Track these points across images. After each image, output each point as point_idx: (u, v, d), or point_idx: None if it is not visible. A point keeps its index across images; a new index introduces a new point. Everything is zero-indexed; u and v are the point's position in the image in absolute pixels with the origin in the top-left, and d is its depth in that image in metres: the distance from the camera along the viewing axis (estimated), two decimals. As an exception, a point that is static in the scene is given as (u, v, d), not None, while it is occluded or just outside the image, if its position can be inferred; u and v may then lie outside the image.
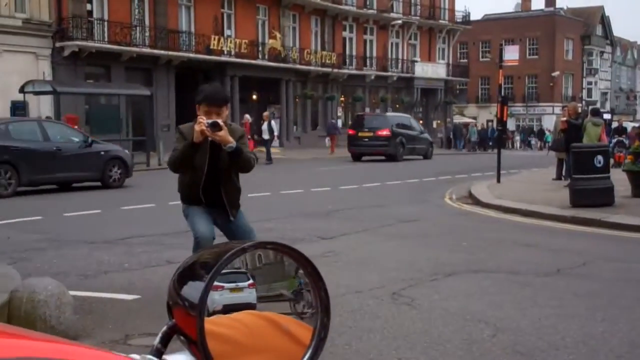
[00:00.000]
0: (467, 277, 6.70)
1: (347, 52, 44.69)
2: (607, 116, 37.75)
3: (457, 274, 6.78)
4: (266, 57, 37.51)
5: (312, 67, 40.65)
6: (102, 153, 16.92)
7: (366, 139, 30.04)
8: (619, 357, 4.37)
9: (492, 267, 7.16)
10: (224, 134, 4.87)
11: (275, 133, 28.02)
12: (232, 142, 4.92)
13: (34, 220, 10.72)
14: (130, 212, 12.01)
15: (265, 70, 36.77)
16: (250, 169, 5.27)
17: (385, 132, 29.84)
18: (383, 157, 29.88)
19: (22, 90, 24.09)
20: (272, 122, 28.71)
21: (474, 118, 59.14)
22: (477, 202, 13.30)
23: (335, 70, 42.11)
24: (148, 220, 10.93)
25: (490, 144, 45.53)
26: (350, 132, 31.29)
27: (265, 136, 27.63)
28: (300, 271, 1.21)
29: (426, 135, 34.31)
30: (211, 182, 5.20)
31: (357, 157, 30.29)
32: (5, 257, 7.39)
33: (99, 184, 16.71)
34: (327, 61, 41.84)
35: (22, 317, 4.70)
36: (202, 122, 4.88)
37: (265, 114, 29.29)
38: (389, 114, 35.47)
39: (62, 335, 4.48)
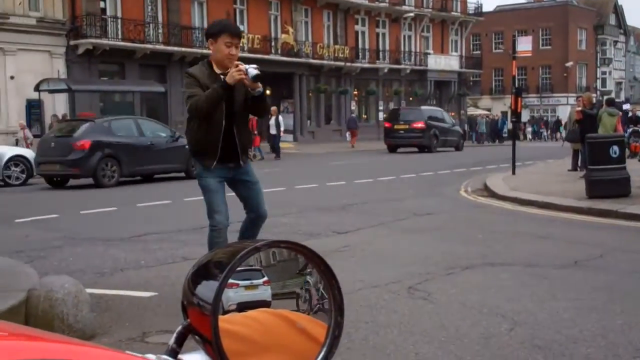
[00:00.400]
0: (484, 270, 6.66)
1: (360, 45, 44.63)
2: (626, 107, 37.41)
3: (474, 268, 6.75)
4: (279, 52, 37.54)
5: (325, 61, 40.64)
6: (187, 147, 17.85)
7: (402, 132, 31.30)
8: (637, 349, 4.33)
9: (509, 260, 7.12)
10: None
11: (282, 128, 28.00)
12: (260, 87, 4.95)
13: (51, 219, 10.79)
14: (146, 209, 12.05)
15: (278, 65, 36.78)
16: (268, 111, 5.36)
17: (420, 125, 31.01)
18: (416, 149, 31.12)
19: (37, 88, 24.28)
20: (280, 117, 28.68)
21: (488, 110, 58.91)
22: (492, 194, 13.25)
23: (348, 64, 42.07)
24: (164, 216, 10.97)
25: (505, 135, 45.44)
26: (387, 125, 32.55)
27: (273, 131, 27.58)
28: (314, 269, 1.21)
29: (457, 127, 35.53)
30: (227, 128, 5.19)
31: (393, 149, 31.61)
32: (23, 255, 7.44)
33: (183, 174, 17.95)
34: (340, 55, 41.81)
35: (39, 315, 4.72)
36: (242, 69, 4.85)
37: (273, 108, 29.31)
38: (424, 107, 36.38)
39: (79, 334, 4.51)
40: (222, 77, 5.20)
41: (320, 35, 41.64)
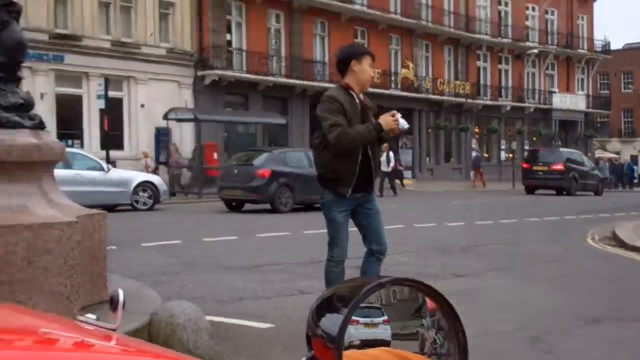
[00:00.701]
0: (611, 325, 6.29)
1: (481, 81, 44.05)
2: None
3: (600, 322, 6.38)
4: (399, 86, 37.60)
5: (445, 97, 40.34)
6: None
7: (540, 173, 31.04)
8: None
9: (638, 316, 6.70)
10: None
11: (391, 164, 27.78)
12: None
13: (175, 245, 11.14)
14: (266, 239, 12.25)
15: (397, 100, 36.74)
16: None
17: (559, 167, 30.70)
18: (554, 192, 30.73)
19: (165, 117, 25.29)
20: (391, 153, 28.48)
21: (617, 153, 56.57)
22: (621, 244, 12.56)
23: (469, 100, 41.55)
24: (283, 248, 11.11)
25: (635, 180, 43.53)
26: (525, 165, 32.30)
27: (384, 168, 27.35)
28: (436, 310, 1.21)
29: (596, 171, 34.72)
30: (364, 156, 5.25)
31: (531, 190, 31.39)
32: (147, 279, 7.66)
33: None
34: (461, 91, 41.40)
35: (161, 339, 4.82)
36: (397, 119, 5.08)
37: (385, 145, 29.05)
38: (562, 149, 35.99)
39: (199, 362, 4.55)
40: (357, 99, 5.26)
41: (440, 71, 41.44)
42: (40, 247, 4.44)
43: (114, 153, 23.22)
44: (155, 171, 23.08)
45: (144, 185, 18.56)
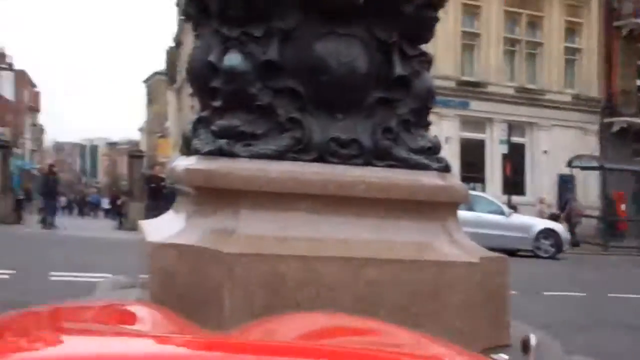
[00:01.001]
0: None
1: None
2: None
3: None
4: None
5: None
6: None
7: None
8: None
9: None
10: None
11: None
12: None
13: (578, 297, 10.54)
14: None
15: None
16: None
17: None
18: None
19: (569, 164, 24.60)
20: None
21: None
22: None
23: None
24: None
25: None
26: None
27: None
28: None
29: None
30: None
31: None
32: (547, 329, 7.28)
33: None
34: None
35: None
36: None
37: None
38: None
39: None
40: None
41: None
42: (443, 283, 4.49)
43: (515, 198, 23.17)
44: (556, 219, 22.35)
45: (546, 232, 18.15)
